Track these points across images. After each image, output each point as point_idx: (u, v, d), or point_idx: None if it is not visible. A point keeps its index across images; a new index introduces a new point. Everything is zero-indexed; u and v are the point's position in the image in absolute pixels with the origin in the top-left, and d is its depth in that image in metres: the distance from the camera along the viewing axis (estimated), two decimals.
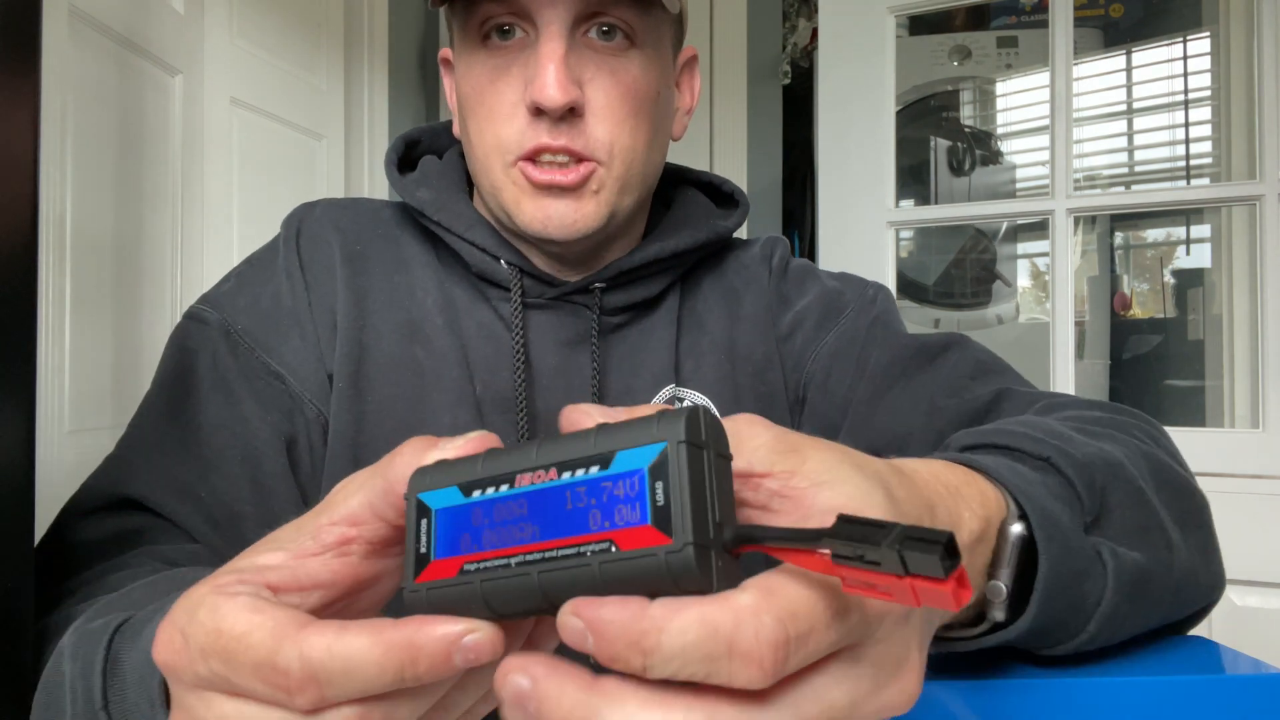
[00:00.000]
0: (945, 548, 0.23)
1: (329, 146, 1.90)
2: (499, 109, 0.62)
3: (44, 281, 1.14)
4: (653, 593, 0.25)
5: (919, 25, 2.43)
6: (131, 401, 1.31)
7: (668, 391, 0.69)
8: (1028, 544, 0.39)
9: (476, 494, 0.28)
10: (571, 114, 0.60)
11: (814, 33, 1.99)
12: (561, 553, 0.26)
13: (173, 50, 1.44)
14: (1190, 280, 2.45)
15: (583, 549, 0.26)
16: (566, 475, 0.27)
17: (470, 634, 0.27)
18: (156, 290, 1.38)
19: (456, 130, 0.70)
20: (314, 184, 1.86)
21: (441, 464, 0.29)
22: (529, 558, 0.26)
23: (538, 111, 0.60)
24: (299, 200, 0.73)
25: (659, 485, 0.25)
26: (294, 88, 1.78)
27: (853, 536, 0.24)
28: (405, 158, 0.75)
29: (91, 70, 1.24)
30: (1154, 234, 2.68)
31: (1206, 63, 2.23)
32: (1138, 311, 2.66)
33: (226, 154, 1.57)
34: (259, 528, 0.60)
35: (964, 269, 2.42)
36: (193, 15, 1.49)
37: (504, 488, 0.28)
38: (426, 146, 0.76)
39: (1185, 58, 2.30)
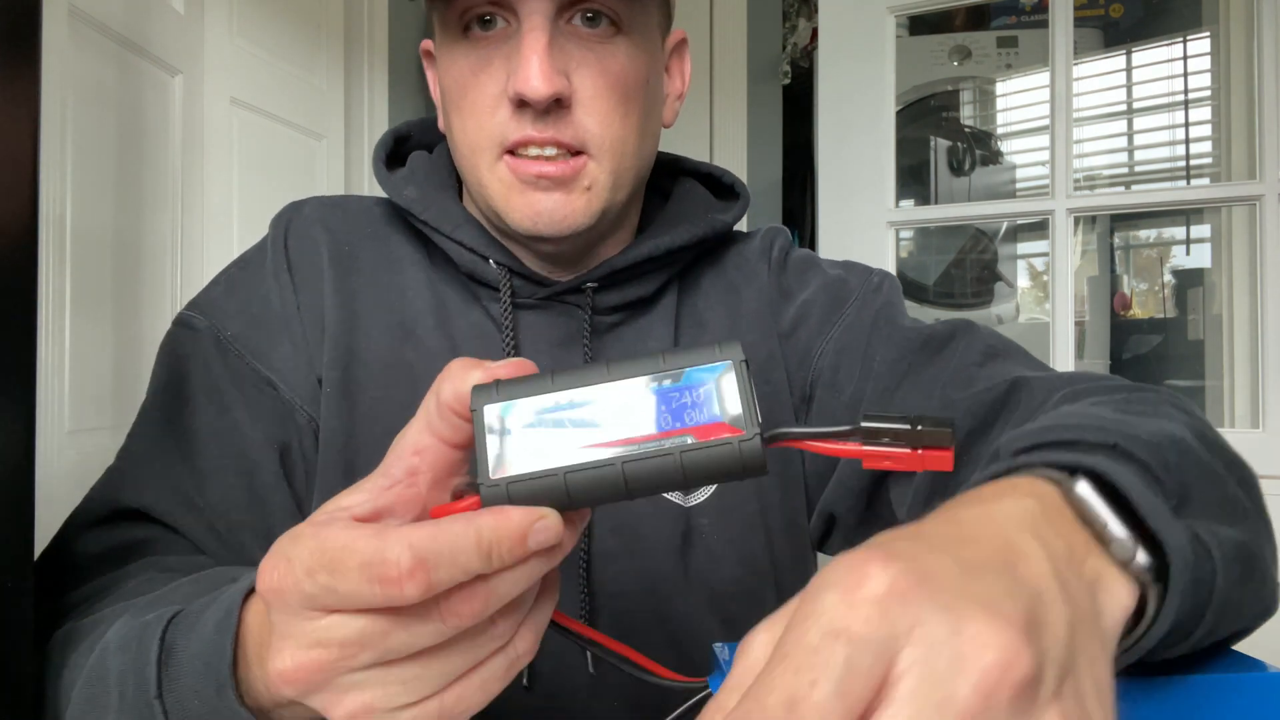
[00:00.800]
0: (953, 426, 0.32)
1: (329, 146, 1.90)
2: (481, 102, 0.60)
3: (44, 281, 1.14)
4: (719, 477, 0.31)
5: (919, 25, 2.43)
6: (131, 401, 1.30)
7: None
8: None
9: (550, 403, 0.32)
10: (557, 105, 0.58)
11: (814, 33, 1.99)
12: (644, 446, 0.31)
13: (173, 50, 1.44)
14: (1190, 280, 2.45)
15: (664, 442, 0.31)
16: (641, 386, 0.32)
17: (541, 520, 0.31)
18: (156, 290, 1.38)
19: (442, 125, 0.67)
20: (314, 184, 1.86)
21: (504, 382, 0.33)
22: (612, 451, 0.31)
23: (521, 103, 0.58)
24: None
25: (726, 391, 0.31)
26: (294, 88, 1.78)
27: (877, 421, 0.32)
28: (396, 153, 0.73)
29: (91, 70, 1.24)
30: (1154, 234, 2.68)
31: (1206, 63, 2.23)
32: (1138, 311, 2.66)
33: (226, 154, 1.57)
34: (256, 537, 0.60)
35: (964, 269, 2.42)
36: (193, 15, 1.49)
37: (580, 397, 0.32)
38: (417, 141, 0.74)
39: (1185, 58, 2.30)
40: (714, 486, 0.63)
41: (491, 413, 0.32)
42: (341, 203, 0.71)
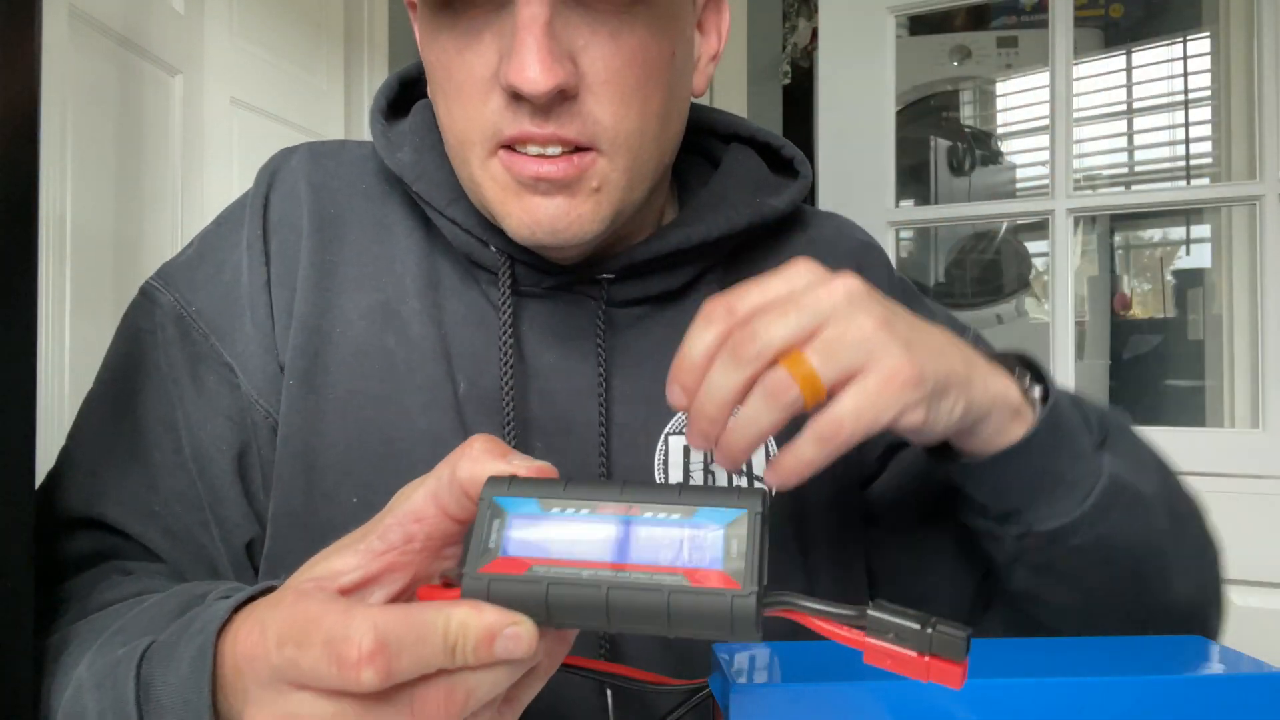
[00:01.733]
0: (967, 639, 0.30)
1: None
2: (469, 87, 0.50)
3: (44, 281, 1.14)
4: (706, 630, 0.29)
5: (919, 25, 2.43)
6: None
7: None
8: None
9: (556, 510, 0.31)
10: (561, 95, 0.48)
11: (814, 33, 1.99)
12: (634, 576, 0.30)
13: (173, 50, 1.43)
14: (1190, 280, 2.45)
15: (656, 576, 0.30)
16: (649, 514, 0.31)
17: (513, 625, 0.30)
18: None
19: (430, 93, 0.56)
20: None
21: (519, 479, 0.33)
22: (601, 574, 0.30)
23: (518, 94, 0.48)
24: None
25: (734, 542, 0.30)
26: (294, 88, 1.78)
27: (886, 613, 0.30)
28: (405, 98, 0.63)
29: (91, 70, 1.24)
30: (1154, 234, 2.68)
31: (1206, 63, 2.23)
32: (1138, 311, 2.66)
33: (226, 154, 1.57)
34: (214, 539, 0.56)
35: (964, 269, 2.42)
36: (193, 15, 1.49)
37: (585, 510, 0.31)
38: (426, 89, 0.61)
39: (1185, 58, 2.30)
40: None
41: (498, 506, 0.32)
42: (337, 151, 0.62)
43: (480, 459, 0.33)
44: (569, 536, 0.31)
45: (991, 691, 0.38)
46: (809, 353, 0.40)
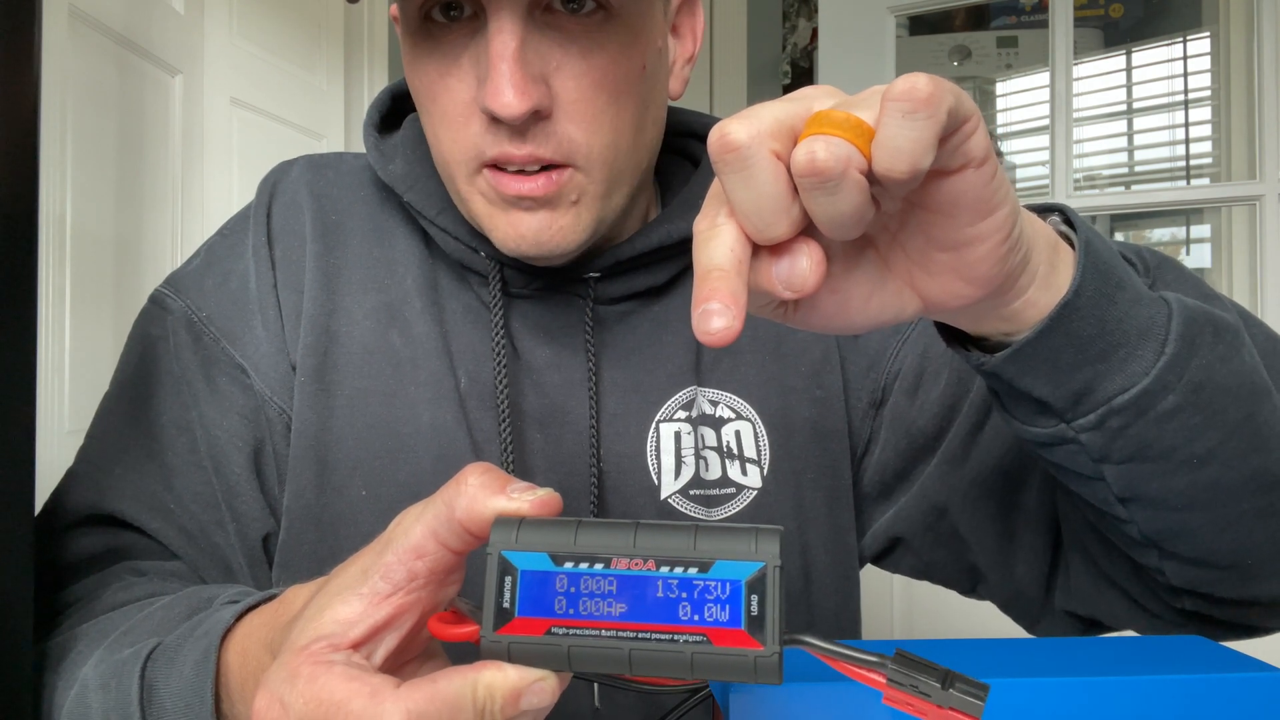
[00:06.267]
0: (987, 691, 0.30)
1: (329, 146, 1.90)
2: (452, 111, 0.53)
3: (44, 281, 1.14)
4: (729, 679, 0.31)
5: (919, 25, 2.43)
6: None
7: (686, 394, 0.60)
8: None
9: (568, 565, 0.31)
10: (536, 115, 0.51)
11: (814, 33, 1.99)
12: (654, 635, 0.30)
13: (173, 50, 1.44)
14: None
15: (676, 637, 0.30)
16: (664, 569, 0.31)
17: (538, 681, 0.31)
18: None
19: (418, 111, 0.59)
20: None
21: (528, 524, 0.32)
22: (621, 634, 0.31)
23: (496, 117, 0.51)
24: None
25: (754, 598, 0.30)
26: (294, 88, 1.78)
27: (907, 668, 0.31)
28: (397, 110, 0.65)
29: (91, 70, 1.24)
30: (1154, 234, 2.68)
31: (1206, 63, 2.22)
32: None
33: (226, 154, 1.57)
34: (229, 538, 0.57)
35: None
36: (193, 15, 1.49)
37: (597, 565, 0.31)
38: None
39: (1185, 58, 2.30)
40: (743, 504, 0.60)
41: (508, 562, 0.32)
42: (335, 162, 0.65)
43: (477, 496, 0.32)
44: (584, 594, 0.31)
45: (992, 691, 0.38)
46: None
